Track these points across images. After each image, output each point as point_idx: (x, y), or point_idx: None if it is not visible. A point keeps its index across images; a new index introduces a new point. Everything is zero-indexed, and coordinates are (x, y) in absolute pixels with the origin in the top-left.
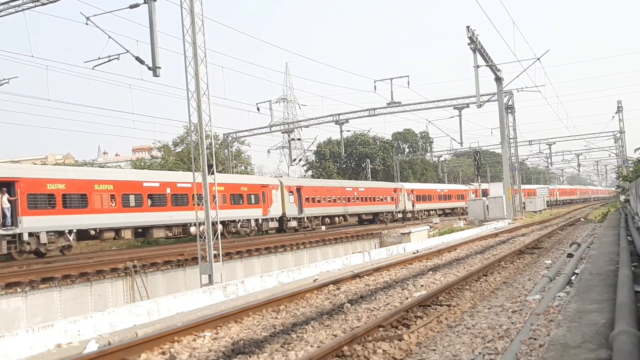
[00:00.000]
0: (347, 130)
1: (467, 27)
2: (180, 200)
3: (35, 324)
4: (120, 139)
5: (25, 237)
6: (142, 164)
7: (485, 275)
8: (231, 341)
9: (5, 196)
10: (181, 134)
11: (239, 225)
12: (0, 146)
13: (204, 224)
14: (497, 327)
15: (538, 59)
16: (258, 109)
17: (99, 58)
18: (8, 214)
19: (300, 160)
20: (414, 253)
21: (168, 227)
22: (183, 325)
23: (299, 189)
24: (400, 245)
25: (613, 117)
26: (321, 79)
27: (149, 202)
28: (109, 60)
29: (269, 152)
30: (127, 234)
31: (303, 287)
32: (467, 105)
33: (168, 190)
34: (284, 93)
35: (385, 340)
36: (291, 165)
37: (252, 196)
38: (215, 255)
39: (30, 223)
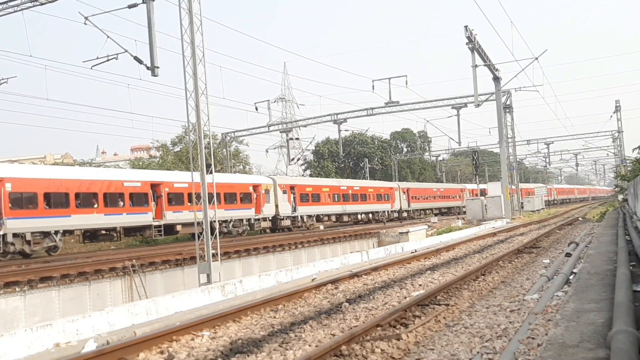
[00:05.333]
0: (346, 130)
1: (465, 26)
2: (354, 197)
3: (34, 324)
4: (119, 139)
5: (299, 218)
6: (141, 163)
7: (483, 275)
8: (229, 340)
9: (292, 195)
10: (179, 133)
11: (379, 214)
12: None
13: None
14: (495, 327)
15: (536, 58)
16: (256, 108)
17: (98, 58)
18: (292, 205)
19: (298, 159)
20: (412, 252)
21: (349, 214)
22: (181, 324)
23: (407, 190)
24: (398, 244)
25: (611, 116)
26: (319, 78)
27: (343, 198)
28: (108, 60)
29: (267, 151)
30: (333, 218)
31: (301, 286)
32: (465, 105)
33: (350, 192)
34: (282, 93)
35: (383, 340)
36: (289, 164)
37: (386, 195)
38: (213, 255)
39: (301, 210)
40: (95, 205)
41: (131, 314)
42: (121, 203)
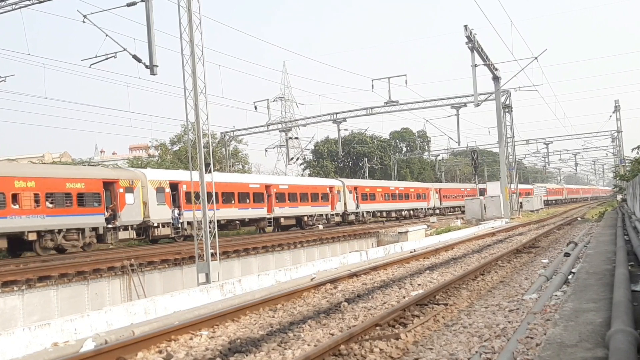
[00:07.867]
0: (345, 129)
1: (465, 26)
2: (399, 196)
3: (32, 323)
4: (118, 138)
5: (361, 214)
6: (140, 162)
7: (482, 274)
8: (228, 340)
9: (355, 194)
10: (178, 132)
11: (417, 210)
12: None
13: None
14: (494, 326)
15: (536, 58)
16: (255, 107)
17: (96, 56)
18: (356, 202)
19: (297, 159)
20: (411, 252)
21: (395, 211)
22: (180, 323)
23: (439, 190)
24: (397, 244)
25: (610, 116)
26: (319, 77)
27: (392, 197)
28: (106, 59)
29: (266, 150)
30: (384, 214)
31: (300, 286)
32: (465, 105)
33: (397, 192)
34: (282, 92)
35: (382, 339)
36: (289, 164)
37: (423, 194)
38: (212, 254)
39: (362, 207)
40: (233, 202)
41: (130, 313)
42: (247, 200)
